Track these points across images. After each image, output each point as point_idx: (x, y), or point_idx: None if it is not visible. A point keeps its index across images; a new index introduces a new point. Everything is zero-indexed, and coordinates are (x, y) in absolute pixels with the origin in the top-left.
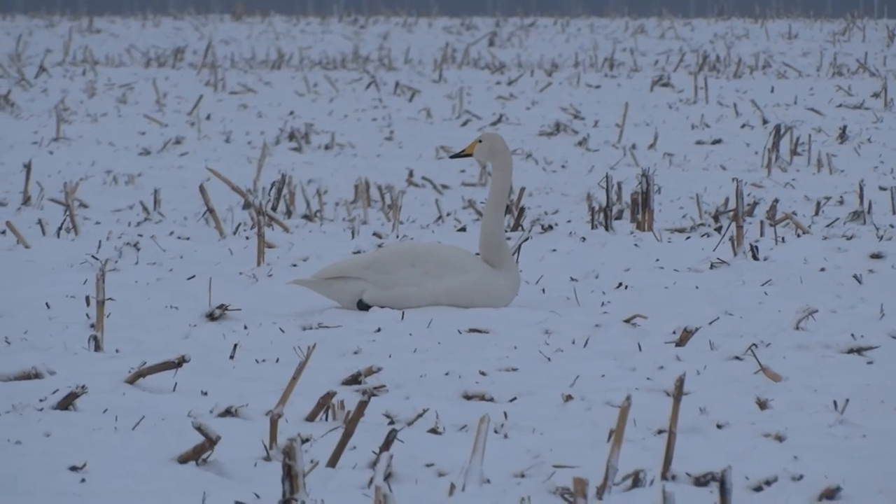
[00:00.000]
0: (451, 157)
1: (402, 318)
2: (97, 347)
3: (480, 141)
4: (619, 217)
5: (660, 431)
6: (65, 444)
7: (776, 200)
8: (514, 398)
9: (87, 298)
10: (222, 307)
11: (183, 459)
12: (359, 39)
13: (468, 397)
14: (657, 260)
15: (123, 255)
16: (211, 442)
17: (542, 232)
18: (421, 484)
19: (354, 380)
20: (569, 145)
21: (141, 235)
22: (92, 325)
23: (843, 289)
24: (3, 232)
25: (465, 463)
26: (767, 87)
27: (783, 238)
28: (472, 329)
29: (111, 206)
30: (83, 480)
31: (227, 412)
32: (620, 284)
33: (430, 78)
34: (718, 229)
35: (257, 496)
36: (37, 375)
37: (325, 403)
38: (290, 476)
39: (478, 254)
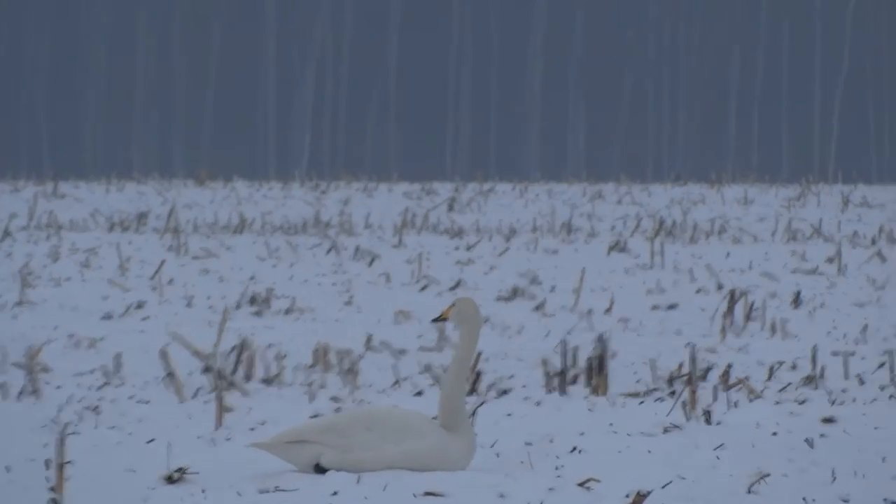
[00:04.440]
0: (432, 321)
1: (359, 481)
2: None
3: (454, 305)
4: (574, 382)
5: None
6: None
7: (730, 365)
8: None
9: (47, 462)
10: (180, 470)
11: None
12: (320, 205)
13: None
14: (611, 424)
15: (83, 419)
16: None
17: (497, 396)
18: None
19: None
20: (526, 310)
21: (101, 399)
22: (52, 489)
23: (794, 453)
24: None
25: None
26: (723, 252)
27: (736, 402)
28: (427, 492)
29: (73, 370)
30: None
31: None
32: (574, 448)
33: (390, 243)
34: (672, 394)
35: None
36: None
37: None
38: None
39: (435, 417)
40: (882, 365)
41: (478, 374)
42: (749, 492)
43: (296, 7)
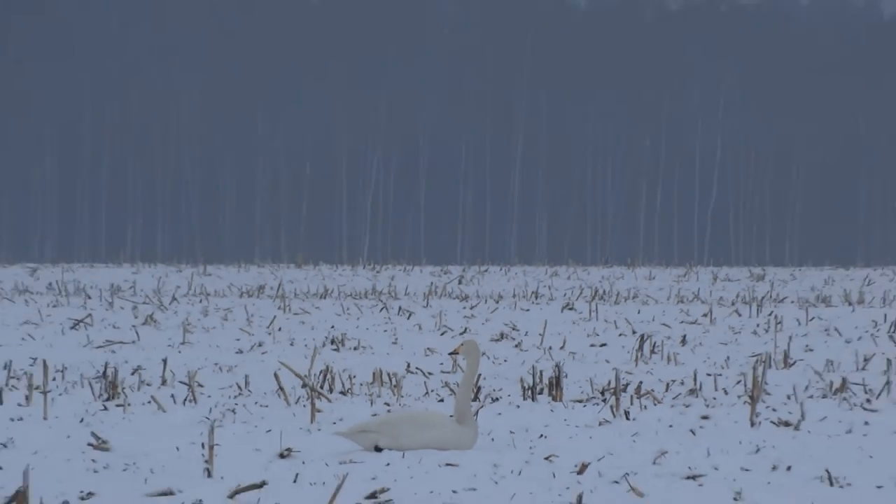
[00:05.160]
0: (448, 354)
1: (403, 456)
2: (209, 475)
3: (463, 345)
4: (540, 392)
5: None
6: None
7: (641, 382)
8: None
9: (203, 444)
10: (288, 450)
11: None
12: (376, 279)
13: None
14: (565, 420)
15: (225, 417)
16: None
17: (491, 402)
18: None
19: (373, 495)
20: (509, 347)
21: (237, 404)
22: (206, 461)
23: (683, 438)
24: (149, 402)
25: None
26: (636, 310)
27: (645, 406)
28: (447, 463)
29: (217, 386)
30: None
31: None
32: (541, 435)
33: (421, 304)
34: (604, 400)
35: None
36: (170, 493)
37: None
38: None
39: (451, 416)
40: (738, 382)
41: (479, 388)
42: (654, 463)
43: (358, 155)
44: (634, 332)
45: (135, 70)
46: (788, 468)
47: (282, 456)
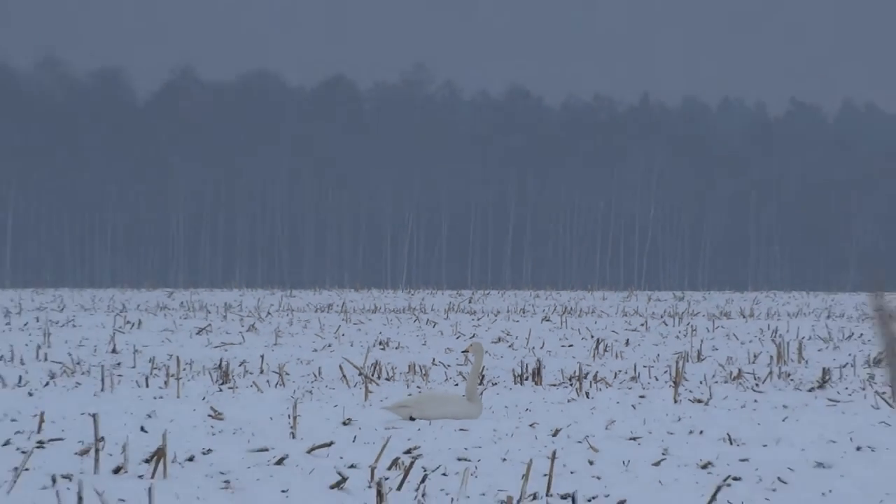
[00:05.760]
0: (462, 352)
1: (430, 424)
2: (293, 437)
3: (472, 345)
4: (527, 379)
5: (544, 475)
6: (279, 481)
7: (597, 372)
8: (480, 459)
9: (289, 415)
10: (349, 419)
11: (333, 486)
12: (411, 299)
13: (459, 459)
14: (544, 399)
15: (304, 396)
16: (344, 478)
17: (492, 386)
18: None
19: (409, 451)
20: (504, 348)
21: (313, 387)
22: (291, 427)
23: (627, 411)
24: (251, 385)
25: (458, 487)
26: (593, 321)
27: (600, 388)
28: (461, 429)
29: (299, 374)
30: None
31: (352, 466)
32: (527, 409)
33: (443, 317)
34: (571, 384)
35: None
36: (265, 449)
37: (395, 461)
38: (379, 493)
39: (464, 395)
40: (665, 372)
41: (483, 376)
42: (606, 429)
43: (398, 215)
44: (592, 337)
45: (245, 155)
46: (701, 432)
47: (344, 424)
